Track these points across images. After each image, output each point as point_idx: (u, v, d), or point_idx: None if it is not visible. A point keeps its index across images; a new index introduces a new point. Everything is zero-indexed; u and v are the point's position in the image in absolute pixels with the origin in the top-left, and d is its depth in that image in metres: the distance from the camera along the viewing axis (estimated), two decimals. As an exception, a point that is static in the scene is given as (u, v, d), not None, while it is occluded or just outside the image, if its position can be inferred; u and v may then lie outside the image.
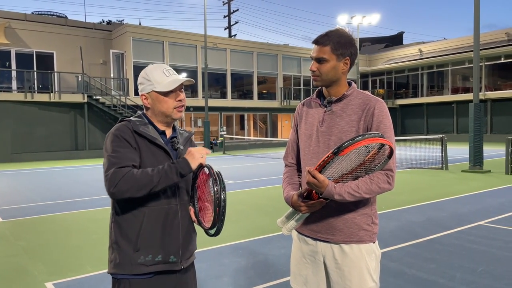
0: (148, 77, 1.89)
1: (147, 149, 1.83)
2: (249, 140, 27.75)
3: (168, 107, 1.88)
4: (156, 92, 1.87)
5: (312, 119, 2.04)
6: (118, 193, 1.71)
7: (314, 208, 1.89)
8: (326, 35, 1.94)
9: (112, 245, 1.84)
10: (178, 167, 1.76)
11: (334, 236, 1.94)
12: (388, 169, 1.86)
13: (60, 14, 30.08)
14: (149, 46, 25.13)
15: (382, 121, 1.89)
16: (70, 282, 4.07)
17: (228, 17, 40.47)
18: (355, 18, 30.65)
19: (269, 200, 8.28)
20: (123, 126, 1.85)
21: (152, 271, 1.81)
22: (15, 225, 6.64)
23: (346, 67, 1.96)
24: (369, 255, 1.94)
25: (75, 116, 21.69)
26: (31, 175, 14.01)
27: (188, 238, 1.94)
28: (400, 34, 45.65)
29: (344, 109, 1.96)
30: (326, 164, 1.75)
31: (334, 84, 1.98)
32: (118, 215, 1.84)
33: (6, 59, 22.19)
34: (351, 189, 1.80)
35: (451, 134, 28.64)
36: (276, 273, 4.18)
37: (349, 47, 1.95)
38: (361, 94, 1.98)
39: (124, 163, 1.74)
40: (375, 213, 2.00)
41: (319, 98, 2.06)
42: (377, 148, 1.77)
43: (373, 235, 1.97)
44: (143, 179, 1.71)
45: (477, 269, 4.16)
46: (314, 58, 1.97)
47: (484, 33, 28.62)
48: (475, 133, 12.26)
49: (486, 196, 8.33)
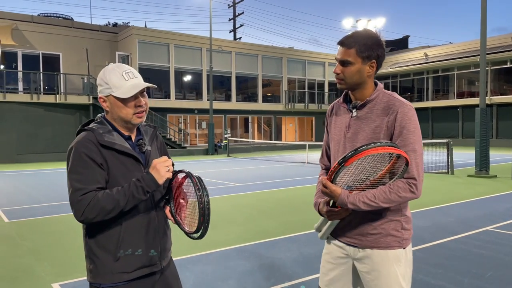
0: (106, 79, 1.76)
1: (115, 159, 1.74)
2: (254, 143, 27.75)
3: (127, 113, 1.76)
4: (114, 97, 1.74)
5: (340, 124, 2.01)
6: (86, 220, 1.67)
7: (340, 216, 1.88)
8: (351, 37, 1.87)
9: (89, 255, 1.78)
10: (144, 185, 1.67)
11: (362, 242, 1.93)
12: (410, 177, 1.80)
13: (66, 16, 30.26)
14: (155, 48, 25.22)
15: (405, 126, 1.81)
16: (77, 283, 4.07)
17: (233, 20, 40.58)
18: (360, 22, 30.61)
19: (274, 203, 8.26)
20: (86, 139, 1.71)
21: (133, 278, 1.77)
22: (21, 225, 6.66)
23: (372, 70, 1.89)
24: (397, 261, 1.89)
25: (81, 118, 21.78)
26: (37, 176, 14.06)
27: (164, 237, 1.90)
28: (406, 38, 45.54)
29: (368, 114, 1.90)
30: (334, 173, 1.75)
31: (359, 88, 1.92)
32: (92, 229, 1.76)
33: (13, 60, 22.35)
34: (367, 198, 1.77)
35: (456, 139, 28.50)
36: (282, 276, 4.16)
37: (376, 49, 1.86)
38: (386, 97, 1.90)
39: (88, 187, 1.66)
40: (406, 218, 1.94)
41: (346, 102, 2.02)
42: (396, 157, 1.74)
43: (403, 240, 1.92)
44: (109, 205, 1.64)
45: (486, 274, 4.12)
46: (339, 60, 1.90)
47: (490, 38, 28.50)
48: (481, 138, 12.19)
49: (493, 201, 8.28)
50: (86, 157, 1.68)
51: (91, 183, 1.67)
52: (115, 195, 1.66)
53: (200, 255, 4.88)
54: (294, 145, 28.16)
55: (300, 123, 32.66)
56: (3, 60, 21.61)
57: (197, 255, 4.88)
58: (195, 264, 4.56)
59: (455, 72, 30.89)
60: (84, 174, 1.67)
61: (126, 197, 1.66)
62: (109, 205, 1.65)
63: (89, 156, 1.68)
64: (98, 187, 1.68)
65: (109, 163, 1.72)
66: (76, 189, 1.66)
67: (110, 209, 1.65)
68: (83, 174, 1.67)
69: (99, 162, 1.70)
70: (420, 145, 1.84)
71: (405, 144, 1.79)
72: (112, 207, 1.65)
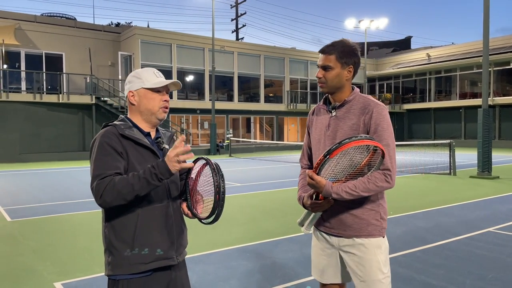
0: (138, 75, 1.95)
1: (134, 150, 1.87)
2: (255, 143, 27.75)
3: (154, 105, 1.93)
4: (145, 88, 1.93)
5: (321, 124, 2.22)
6: (105, 204, 1.76)
7: (323, 208, 2.06)
8: (331, 45, 2.12)
9: (108, 248, 1.88)
10: (158, 172, 1.75)
11: (345, 231, 2.11)
12: (386, 168, 1.99)
13: (69, 16, 30.35)
14: (157, 48, 25.26)
15: (380, 123, 2.02)
16: (79, 283, 4.09)
17: (236, 20, 40.59)
18: (363, 22, 30.62)
19: (276, 203, 8.26)
20: (109, 131, 1.87)
21: (150, 269, 1.85)
22: (23, 224, 6.69)
23: (349, 75, 2.13)
24: (378, 248, 2.09)
25: (83, 117, 21.83)
26: (39, 175, 14.10)
27: (181, 233, 2.00)
28: (408, 38, 45.49)
29: (346, 114, 2.11)
30: (319, 166, 1.92)
31: (338, 91, 2.15)
32: (111, 219, 1.87)
33: (16, 60, 22.42)
34: (348, 188, 1.96)
35: (458, 140, 28.44)
36: (283, 276, 4.16)
37: (353, 56, 2.11)
38: (362, 98, 2.13)
39: (107, 172, 1.77)
40: (383, 209, 2.14)
41: (326, 105, 2.24)
42: (373, 150, 1.93)
43: (382, 229, 2.12)
44: (124, 189, 1.73)
45: (487, 275, 4.12)
46: (320, 66, 2.14)
47: (494, 38, 28.44)
48: (483, 139, 12.17)
49: (495, 202, 8.26)
50: (107, 146, 1.82)
51: (110, 168, 1.78)
52: (130, 180, 1.74)
53: (202, 255, 4.89)
54: (296, 146, 28.14)
55: (302, 124, 32.63)
56: (6, 59, 21.68)
57: (199, 255, 4.89)
58: (197, 264, 4.57)
59: (458, 73, 30.83)
60: (104, 161, 1.80)
61: (141, 182, 1.74)
62: (125, 189, 1.73)
63: (109, 144, 1.82)
64: (117, 172, 1.79)
65: (128, 152, 1.85)
66: (96, 174, 1.78)
67: (126, 192, 1.73)
68: (103, 161, 1.80)
69: (119, 151, 1.83)
70: (392, 140, 2.05)
71: (380, 139, 1.99)
72: (127, 191, 1.73)
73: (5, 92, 19.65)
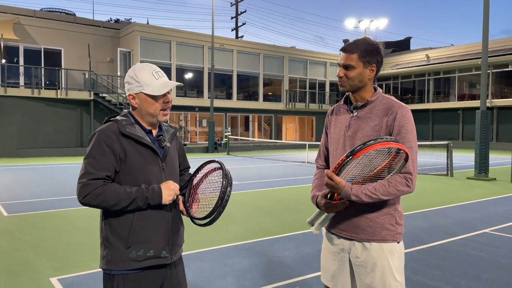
0: (136, 77, 1.87)
1: (134, 149, 1.84)
2: (254, 142, 27.76)
3: (155, 109, 1.89)
4: (144, 94, 1.87)
5: (340, 124, 2.13)
6: (85, 204, 1.78)
7: (337, 209, 1.97)
8: (354, 43, 2.04)
9: (104, 242, 1.89)
10: (149, 197, 1.79)
11: (358, 235, 2.01)
12: (407, 172, 1.91)
13: (69, 11, 30.24)
14: (157, 45, 25.22)
15: (404, 125, 1.95)
16: (75, 278, 4.09)
17: (236, 18, 40.55)
18: (362, 23, 30.60)
19: (273, 202, 8.28)
20: (109, 129, 1.84)
21: (143, 266, 1.85)
22: (20, 219, 6.68)
23: (372, 74, 2.05)
24: (391, 254, 1.98)
25: (81, 113, 21.79)
26: (37, 170, 14.08)
27: (177, 232, 1.99)
28: (407, 39, 45.48)
29: (368, 114, 2.04)
30: (341, 166, 1.82)
31: (360, 90, 2.07)
32: (108, 214, 1.87)
33: (14, 55, 22.35)
34: (368, 191, 1.87)
35: (456, 141, 28.52)
36: (280, 274, 4.17)
37: (376, 55, 2.03)
38: (386, 99, 2.06)
39: (98, 174, 1.77)
40: (399, 214, 2.04)
41: (347, 104, 2.15)
42: (395, 152, 1.84)
43: (397, 235, 2.01)
44: (112, 200, 1.75)
45: (483, 276, 4.14)
46: (342, 65, 2.05)
47: (493, 40, 28.52)
48: (481, 141, 12.20)
49: (491, 204, 8.29)
50: (104, 144, 1.80)
51: (102, 170, 1.78)
52: (121, 195, 1.76)
53: (199, 252, 4.89)
54: (294, 145, 28.18)
55: (301, 123, 32.67)
56: (5, 54, 21.61)
57: (196, 252, 4.90)
58: (193, 261, 4.57)
59: (457, 74, 30.88)
60: (98, 160, 1.79)
61: (130, 200, 1.77)
62: (112, 200, 1.76)
63: (107, 143, 1.80)
64: (107, 175, 1.79)
65: (127, 152, 1.83)
66: (87, 172, 1.77)
67: (112, 204, 1.77)
68: (97, 160, 1.78)
69: (116, 151, 1.81)
70: (415, 143, 1.98)
71: (403, 142, 1.90)
72: (113, 203, 1.77)
73: (3, 87, 19.60)
